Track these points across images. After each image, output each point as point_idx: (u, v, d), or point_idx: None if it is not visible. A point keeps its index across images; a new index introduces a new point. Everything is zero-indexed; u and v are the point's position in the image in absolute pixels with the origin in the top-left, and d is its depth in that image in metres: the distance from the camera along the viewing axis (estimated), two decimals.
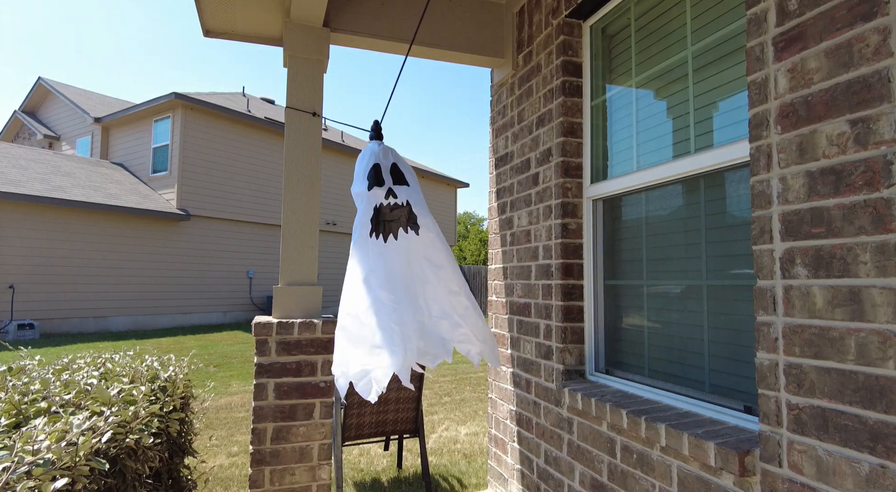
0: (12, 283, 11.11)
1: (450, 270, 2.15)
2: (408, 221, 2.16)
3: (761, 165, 1.47)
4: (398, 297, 1.97)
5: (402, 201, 2.18)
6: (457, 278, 2.15)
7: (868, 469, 1.18)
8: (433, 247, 2.15)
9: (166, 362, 2.90)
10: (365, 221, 2.12)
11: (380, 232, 2.11)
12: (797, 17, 1.39)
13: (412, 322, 1.93)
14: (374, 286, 1.98)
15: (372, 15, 2.93)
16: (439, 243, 2.17)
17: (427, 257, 2.13)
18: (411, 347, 1.87)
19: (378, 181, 2.20)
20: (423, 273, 2.09)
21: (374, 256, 2.05)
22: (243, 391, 6.59)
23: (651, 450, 1.89)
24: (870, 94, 1.22)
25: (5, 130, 19.86)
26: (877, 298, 1.18)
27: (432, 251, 2.14)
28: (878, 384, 1.17)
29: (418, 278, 2.07)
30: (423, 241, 2.15)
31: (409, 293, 2.01)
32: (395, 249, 2.08)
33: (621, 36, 2.48)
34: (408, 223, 2.15)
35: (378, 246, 2.08)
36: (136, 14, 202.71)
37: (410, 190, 2.24)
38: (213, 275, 14.82)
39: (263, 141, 16.18)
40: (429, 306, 2.06)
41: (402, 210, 2.16)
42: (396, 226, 2.13)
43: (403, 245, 2.10)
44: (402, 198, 2.19)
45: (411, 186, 2.27)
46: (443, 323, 2.05)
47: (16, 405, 1.85)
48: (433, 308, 2.07)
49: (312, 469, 2.50)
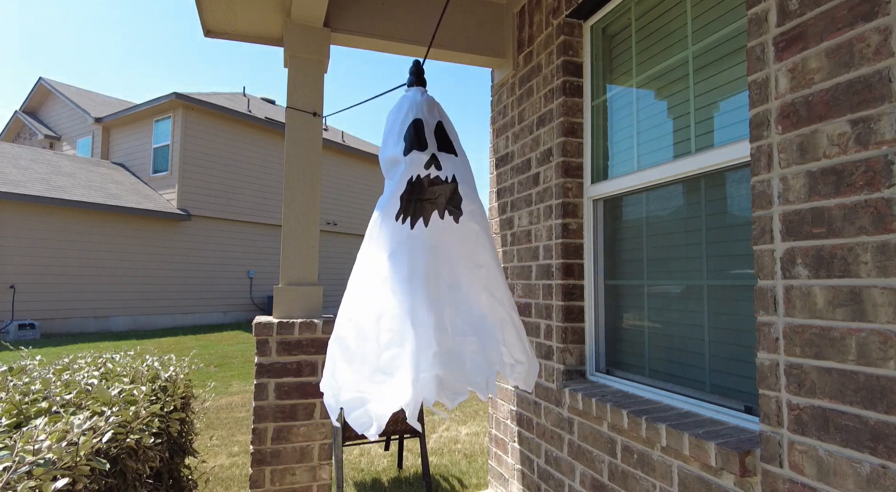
0: (13, 283, 11.11)
1: (492, 272, 1.70)
2: (448, 203, 1.66)
3: (762, 164, 1.47)
4: (417, 304, 1.50)
5: (446, 176, 1.67)
6: (499, 283, 1.70)
7: (869, 470, 1.18)
8: (476, 241, 1.69)
9: (167, 362, 2.90)
10: (393, 197, 1.62)
11: (409, 213, 1.61)
12: (798, 17, 1.39)
13: (431, 341, 1.46)
14: (388, 287, 1.54)
15: (372, 15, 2.93)
16: (484, 238, 1.71)
17: (465, 254, 1.66)
18: (426, 376, 1.43)
19: (419, 143, 1.68)
20: (455, 274, 1.63)
21: (394, 246, 1.58)
22: (244, 391, 6.59)
23: (652, 450, 1.89)
24: (871, 94, 1.21)
25: (6, 131, 19.88)
26: (878, 299, 1.18)
27: (474, 246, 1.68)
28: (878, 385, 1.17)
29: (447, 281, 1.60)
30: (464, 232, 1.67)
31: (433, 300, 1.53)
32: (423, 239, 1.59)
33: (622, 36, 2.48)
34: (448, 205, 1.66)
35: (402, 232, 1.59)
36: (136, 14, 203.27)
37: (458, 162, 1.73)
38: (214, 275, 14.82)
39: (264, 141, 16.18)
40: (456, 319, 1.59)
41: (444, 188, 1.65)
42: (432, 208, 1.64)
43: (436, 235, 1.62)
44: (448, 171, 1.68)
45: (459, 156, 1.76)
46: (470, 342, 1.59)
47: (17, 405, 1.85)
48: (461, 321, 1.60)
49: (313, 469, 2.50)
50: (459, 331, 1.57)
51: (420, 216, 1.61)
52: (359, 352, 1.50)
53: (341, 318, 1.60)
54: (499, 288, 1.69)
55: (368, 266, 1.60)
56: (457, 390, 1.50)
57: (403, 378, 1.41)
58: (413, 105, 1.74)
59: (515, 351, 1.68)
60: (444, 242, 1.62)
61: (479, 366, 1.57)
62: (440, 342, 1.47)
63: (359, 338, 1.51)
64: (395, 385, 1.42)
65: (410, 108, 1.74)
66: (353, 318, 1.55)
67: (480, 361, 1.58)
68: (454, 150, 1.74)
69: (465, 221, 1.68)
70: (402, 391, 1.39)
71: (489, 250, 1.71)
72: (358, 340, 1.51)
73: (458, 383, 1.50)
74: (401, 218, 1.60)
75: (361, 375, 1.48)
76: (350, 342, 1.53)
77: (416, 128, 1.69)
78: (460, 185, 1.68)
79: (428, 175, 1.65)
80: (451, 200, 1.66)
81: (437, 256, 1.60)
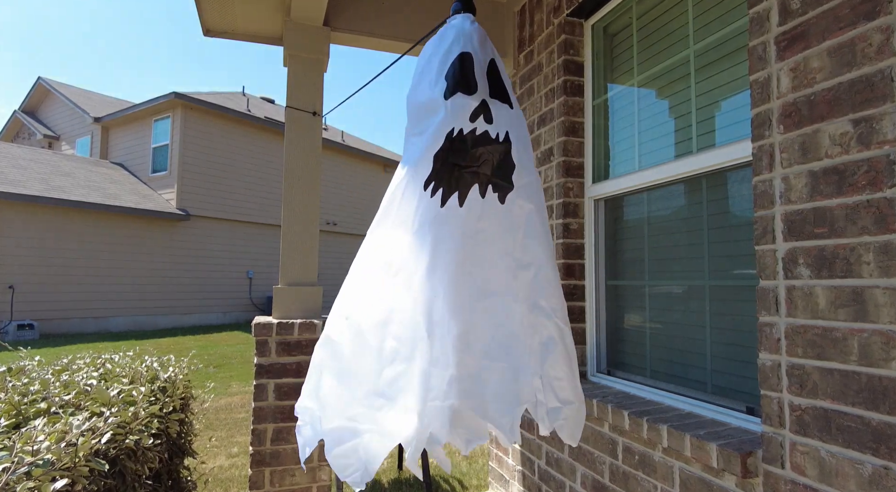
0: (12, 283, 11.10)
1: (543, 273, 1.28)
2: (496, 173, 1.25)
3: (764, 164, 1.47)
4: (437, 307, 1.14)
5: (497, 132, 1.27)
6: (551, 289, 1.29)
7: (871, 471, 1.18)
8: (525, 229, 1.28)
9: (166, 363, 2.89)
10: (423, 157, 1.23)
11: (441, 183, 1.21)
12: (799, 17, 1.39)
13: (449, 359, 1.11)
14: (401, 280, 1.18)
15: (372, 14, 2.93)
16: (537, 224, 1.30)
17: (508, 247, 1.26)
18: (438, 406, 1.09)
19: (466, 84, 1.26)
20: (490, 275, 1.24)
21: (417, 226, 1.19)
22: (243, 392, 6.58)
23: (653, 451, 1.89)
24: (873, 93, 1.21)
25: (5, 130, 19.86)
26: (880, 299, 1.18)
27: (522, 237, 1.27)
28: (881, 385, 1.17)
29: (479, 283, 1.21)
30: (511, 216, 1.26)
31: (458, 306, 1.16)
32: (454, 223, 1.19)
33: (623, 35, 2.47)
34: (494, 177, 1.24)
35: (429, 209, 1.20)
36: (135, 14, 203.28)
37: (513, 117, 1.33)
38: (213, 275, 14.81)
39: (263, 141, 16.17)
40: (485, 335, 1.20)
41: (493, 150, 1.25)
42: (472, 181, 1.23)
43: (472, 219, 1.21)
44: (500, 126, 1.28)
45: (515, 110, 1.35)
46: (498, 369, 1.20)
47: (15, 406, 1.84)
48: (490, 338, 1.20)
49: (312, 470, 2.49)
50: (487, 351, 1.19)
51: (456, 190, 1.21)
52: (353, 364, 1.16)
53: (335, 315, 1.23)
54: (550, 296, 1.27)
55: (378, 250, 1.22)
56: (474, 431, 1.16)
57: (408, 406, 1.07)
58: (460, 34, 1.31)
59: (562, 387, 1.24)
60: (482, 230, 1.23)
61: (505, 401, 1.19)
62: (460, 363, 1.11)
63: (355, 345, 1.17)
64: (396, 414, 1.09)
65: (457, 38, 1.31)
66: (352, 317, 1.19)
67: (508, 395, 1.19)
68: (509, 99, 1.33)
69: (514, 200, 1.26)
70: (405, 423, 1.06)
71: (542, 243, 1.29)
72: (354, 348, 1.17)
73: (476, 421, 1.15)
74: (430, 188, 1.19)
75: (354, 396, 1.13)
76: (343, 349, 1.18)
77: (464, 64, 1.27)
78: (514, 147, 1.27)
79: (473, 130, 1.23)
80: (499, 167, 1.25)
81: (471, 249, 1.20)
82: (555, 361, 1.25)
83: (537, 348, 1.26)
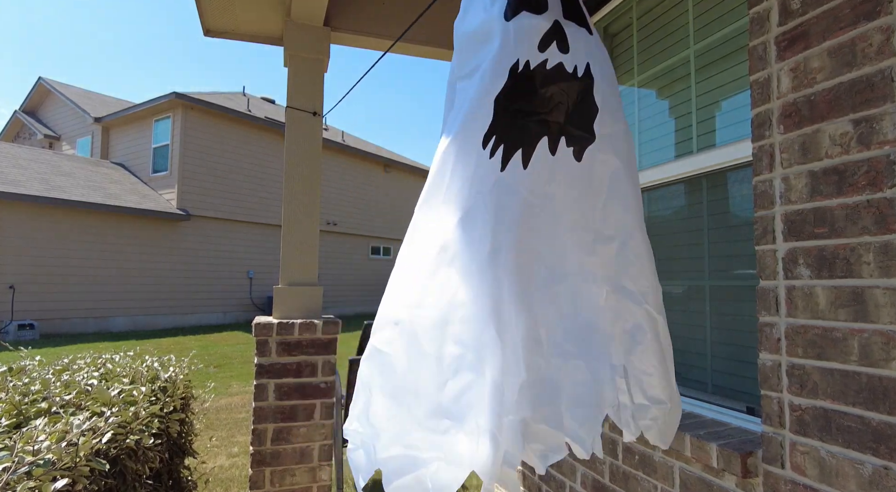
0: (12, 283, 11.10)
1: (631, 246, 1.07)
2: (570, 120, 1.00)
3: (764, 164, 1.47)
4: (504, 299, 0.93)
5: (575, 65, 1.02)
6: (641, 266, 1.09)
7: (871, 471, 1.18)
8: (609, 192, 1.05)
9: (166, 363, 2.89)
10: (480, 106, 0.97)
11: (502, 139, 0.96)
12: (800, 17, 1.39)
13: (519, 363, 0.92)
14: (456, 269, 0.95)
15: (373, 14, 2.93)
16: (625, 186, 1.06)
17: (585, 217, 1.03)
18: (512, 422, 0.91)
19: (531, 1, 1.01)
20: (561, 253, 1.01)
21: (472, 199, 0.95)
22: (243, 392, 6.59)
23: (653, 451, 1.89)
24: (873, 93, 1.21)
25: (6, 130, 19.87)
26: (880, 299, 1.18)
27: (603, 203, 1.05)
28: (881, 385, 1.17)
29: (547, 263, 1.00)
30: (590, 178, 1.03)
31: (524, 293, 0.96)
32: (517, 190, 0.97)
33: (623, 35, 2.47)
34: (567, 128, 1.00)
35: (487, 175, 0.96)
36: (136, 14, 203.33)
37: (593, 44, 1.08)
38: (214, 275, 14.81)
39: (264, 141, 16.17)
40: (556, 327, 1.00)
41: (569, 89, 1.00)
42: (540, 133, 0.98)
43: (541, 183, 0.99)
44: (579, 57, 1.03)
45: (595, 36, 1.11)
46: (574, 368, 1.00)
47: (16, 406, 1.84)
48: (561, 332, 1.00)
49: (313, 470, 2.49)
50: (559, 348, 0.99)
51: (519, 147, 0.96)
52: (409, 378, 0.96)
53: (382, 322, 1.01)
54: (638, 276, 1.06)
55: (429, 232, 0.98)
56: (550, 444, 0.98)
57: (480, 425, 0.88)
58: None
59: (651, 384, 1.05)
60: (552, 196, 0.99)
61: (583, 408, 0.99)
62: (531, 366, 0.93)
63: (410, 355, 0.96)
64: (465, 437, 0.89)
65: None
66: (402, 321, 0.97)
67: (587, 399, 0.99)
68: (586, 21, 1.06)
69: (595, 155, 1.01)
70: (478, 448, 0.88)
71: (630, 209, 1.05)
72: (409, 359, 0.96)
73: (551, 432, 0.96)
74: (490, 144, 0.95)
75: (413, 417, 0.94)
76: (395, 361, 0.97)
77: None
78: (597, 84, 1.02)
79: (544, 63, 0.96)
80: (576, 112, 0.99)
81: (537, 221, 0.97)
82: (643, 355, 1.05)
83: (621, 340, 1.05)
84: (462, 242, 0.94)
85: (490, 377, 0.89)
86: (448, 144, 0.99)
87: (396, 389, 0.97)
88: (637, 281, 1.07)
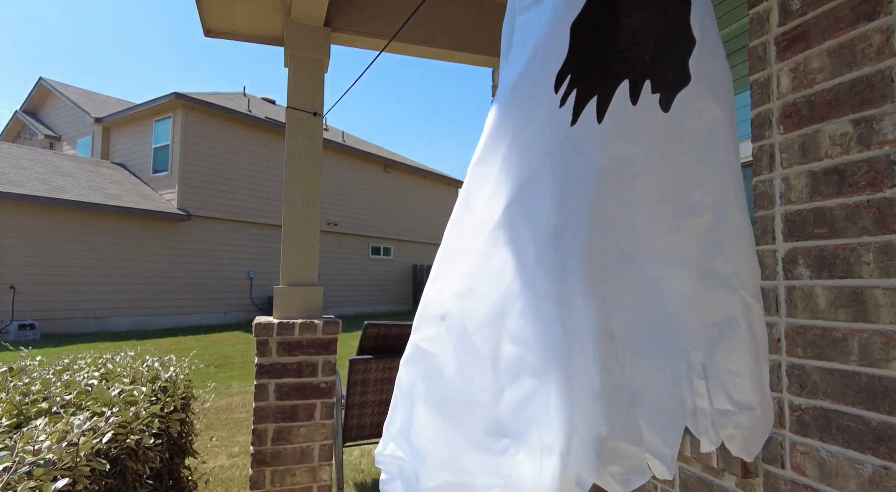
0: (13, 283, 11.11)
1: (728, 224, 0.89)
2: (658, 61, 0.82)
3: (764, 164, 1.47)
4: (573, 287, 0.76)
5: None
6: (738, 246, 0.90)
7: (871, 471, 1.18)
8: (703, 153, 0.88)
9: (167, 363, 2.90)
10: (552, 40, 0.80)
11: (576, 81, 0.79)
12: (799, 17, 1.39)
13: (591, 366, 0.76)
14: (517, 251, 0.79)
15: (373, 14, 2.93)
16: (725, 143, 0.90)
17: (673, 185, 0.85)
18: (585, 439, 0.74)
19: None
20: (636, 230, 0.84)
21: (535, 165, 0.79)
22: (244, 392, 6.59)
23: None
24: (873, 93, 1.21)
25: (6, 131, 19.88)
26: (880, 299, 1.18)
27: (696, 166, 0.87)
28: (881, 385, 1.17)
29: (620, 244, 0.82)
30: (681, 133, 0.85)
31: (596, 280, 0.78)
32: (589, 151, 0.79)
33: None
34: (654, 69, 0.82)
35: (557, 131, 0.80)
36: (136, 14, 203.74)
37: None
38: (214, 275, 14.82)
39: (264, 141, 16.18)
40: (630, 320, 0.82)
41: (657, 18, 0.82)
42: (620, 75, 0.80)
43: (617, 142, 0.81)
44: None
45: None
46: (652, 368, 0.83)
47: (17, 406, 1.85)
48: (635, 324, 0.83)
49: (313, 470, 2.49)
50: (635, 347, 0.81)
51: (594, 94, 0.78)
52: (460, 386, 0.80)
53: (426, 317, 0.86)
54: (734, 257, 0.88)
55: (480, 208, 0.82)
56: (632, 464, 0.78)
57: (546, 444, 0.73)
58: None
59: (738, 386, 0.88)
60: (631, 158, 0.81)
61: (663, 418, 0.82)
62: (606, 369, 0.76)
63: (460, 356, 0.80)
64: (527, 458, 0.74)
65: None
66: (450, 314, 0.82)
67: (667, 408, 0.83)
68: None
69: (689, 102, 0.83)
70: (542, 470, 0.72)
71: (728, 173, 0.89)
72: (459, 361, 0.80)
73: (631, 450, 0.78)
74: (563, 88, 0.77)
75: (465, 434, 0.78)
76: (443, 364, 0.81)
77: None
78: (695, 9, 0.84)
79: None
80: (665, 47, 0.80)
81: (611, 191, 0.80)
82: (732, 351, 0.88)
83: (706, 333, 0.87)
84: (521, 216, 0.78)
85: (556, 384, 0.73)
86: (509, 91, 0.81)
87: (445, 399, 0.80)
88: (733, 263, 0.88)
